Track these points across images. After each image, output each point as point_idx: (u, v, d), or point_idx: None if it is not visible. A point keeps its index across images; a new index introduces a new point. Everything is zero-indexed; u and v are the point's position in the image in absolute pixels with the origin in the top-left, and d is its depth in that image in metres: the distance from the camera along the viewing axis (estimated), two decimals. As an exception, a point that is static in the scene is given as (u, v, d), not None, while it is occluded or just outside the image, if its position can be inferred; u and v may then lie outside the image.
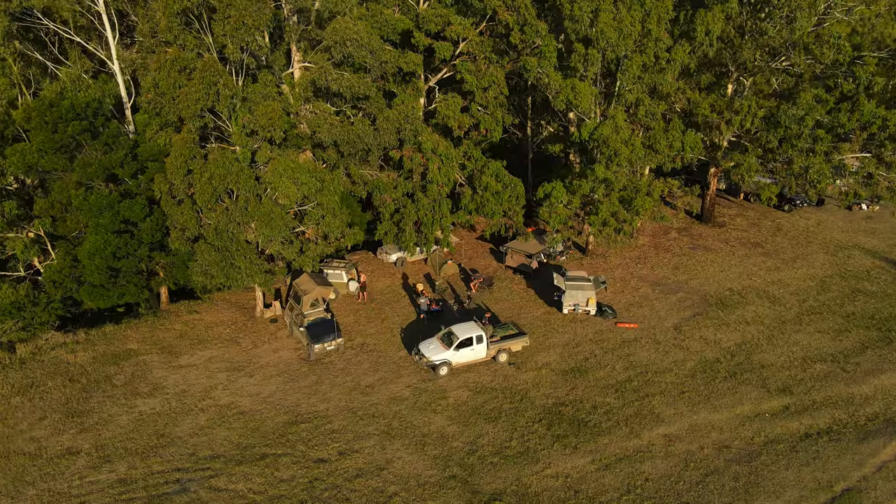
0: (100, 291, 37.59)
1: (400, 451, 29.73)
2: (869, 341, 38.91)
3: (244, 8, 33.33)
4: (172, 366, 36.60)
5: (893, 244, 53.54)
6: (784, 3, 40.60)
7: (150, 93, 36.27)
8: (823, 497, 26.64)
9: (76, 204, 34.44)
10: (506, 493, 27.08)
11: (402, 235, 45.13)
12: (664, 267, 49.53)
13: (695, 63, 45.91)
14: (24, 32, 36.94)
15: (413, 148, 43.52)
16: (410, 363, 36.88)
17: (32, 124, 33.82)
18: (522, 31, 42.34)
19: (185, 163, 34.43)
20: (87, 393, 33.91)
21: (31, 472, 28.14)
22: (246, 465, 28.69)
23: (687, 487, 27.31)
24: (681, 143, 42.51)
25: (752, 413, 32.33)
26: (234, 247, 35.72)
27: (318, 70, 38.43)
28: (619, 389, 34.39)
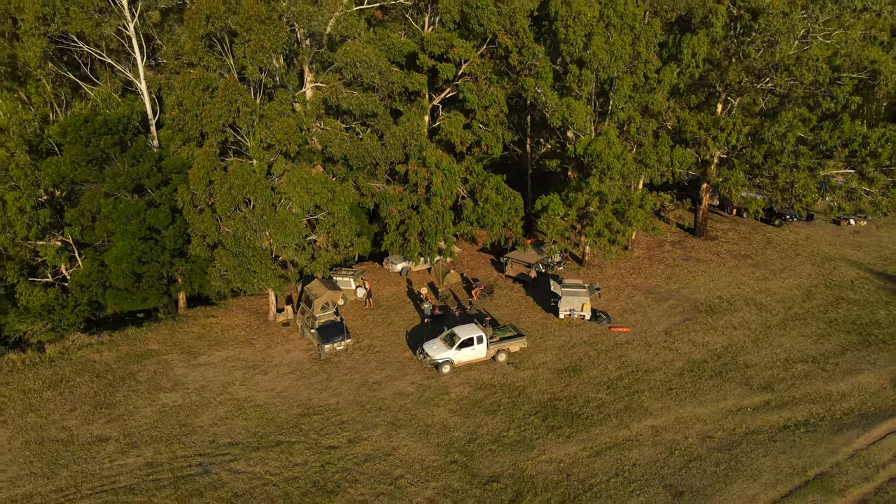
0: (124, 295, 40.15)
1: (405, 439, 31.98)
2: (849, 344, 41.12)
3: (263, 32, 36.27)
4: (191, 364, 39.00)
5: (878, 256, 55.88)
6: (765, 28, 43.46)
7: (174, 110, 39.15)
8: (797, 481, 28.74)
9: (105, 212, 37.12)
10: (503, 476, 29.28)
11: (408, 246, 47.70)
12: (657, 277, 51.92)
13: (684, 84, 48.75)
14: (58, 54, 39.93)
15: (418, 162, 46.27)
16: (415, 362, 39.21)
17: (68, 138, 36.65)
18: (520, 53, 45.28)
19: (206, 174, 37.16)
20: (113, 388, 36.30)
21: (64, 456, 30.47)
22: (262, 450, 30.98)
23: (671, 472, 29.46)
24: (670, 158, 45.15)
25: (735, 407, 34.52)
26: (250, 253, 38.29)
27: (329, 89, 41.36)
28: (611, 386, 36.63)
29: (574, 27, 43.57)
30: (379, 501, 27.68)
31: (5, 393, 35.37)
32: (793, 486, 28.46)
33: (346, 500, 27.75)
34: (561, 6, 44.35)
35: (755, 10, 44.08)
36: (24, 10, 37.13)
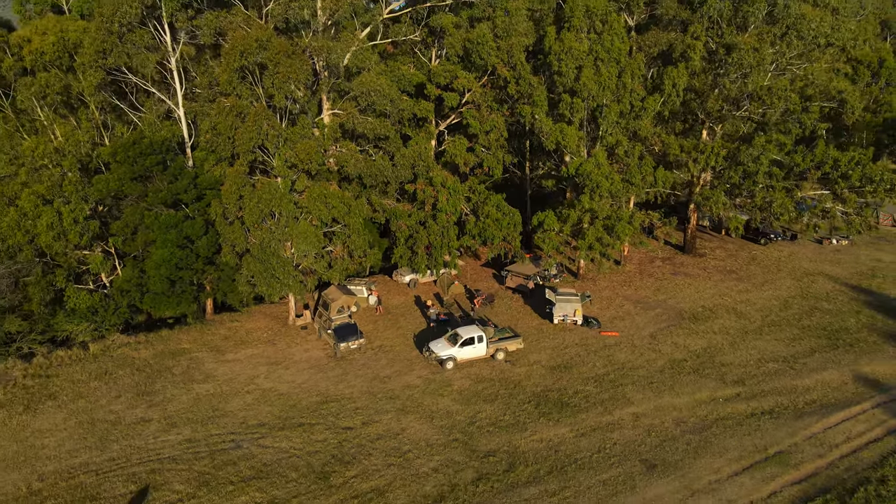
0: (160, 299, 44.65)
1: (412, 422, 36.06)
2: (818, 347, 45.03)
3: (289, 66, 41.31)
4: (220, 360, 43.31)
5: (854, 272, 59.85)
6: (738, 62, 48.24)
7: (208, 133, 44.08)
8: (758, 457, 32.53)
9: (148, 223, 41.84)
10: (499, 452, 33.27)
11: (415, 258, 52.17)
12: (647, 289, 56.08)
13: (668, 111, 53.49)
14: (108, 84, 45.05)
15: (425, 182, 50.96)
16: (422, 360, 43.37)
17: (118, 158, 41.52)
18: (518, 83, 50.24)
19: (237, 190, 41.91)
20: (152, 379, 40.60)
21: (113, 434, 34.70)
22: (287, 430, 35.11)
23: (647, 449, 33.35)
24: (653, 178, 49.65)
25: (709, 398, 38.41)
26: (274, 260, 42.79)
27: (346, 115, 46.32)
28: (598, 381, 40.65)
29: (566, 61, 48.49)
30: (389, 470, 31.71)
31: (57, 383, 39.73)
32: (754, 460, 32.24)
33: (360, 469, 31.81)
34: (554, 42, 49.38)
35: (729, 46, 48.92)
36: (82, 46, 42.34)
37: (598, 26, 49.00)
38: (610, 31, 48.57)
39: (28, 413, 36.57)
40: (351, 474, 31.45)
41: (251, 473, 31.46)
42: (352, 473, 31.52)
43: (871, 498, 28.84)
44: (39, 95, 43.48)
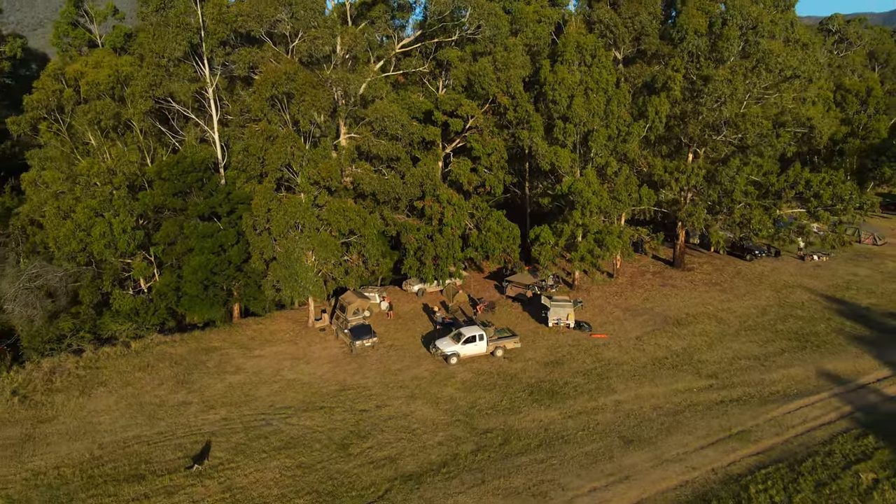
0: (195, 301, 49.91)
1: (420, 406, 40.92)
2: (788, 348, 49.67)
3: (313, 95, 47.06)
4: (248, 356, 48.39)
5: (830, 284, 64.46)
6: (713, 91, 53.68)
7: (240, 154, 49.76)
8: (723, 435, 37.15)
9: (187, 232, 47.31)
10: (496, 429, 38.04)
11: (424, 269, 57.34)
12: (636, 298, 60.92)
13: (654, 136, 58.88)
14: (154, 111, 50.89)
15: (433, 199, 56.36)
16: (429, 357, 48.30)
17: (162, 175, 47.17)
18: (516, 110, 55.85)
19: (266, 204, 47.37)
20: (189, 371, 45.70)
21: (159, 413, 39.75)
22: (310, 412, 40.04)
23: (626, 428, 38.05)
24: (638, 195, 54.84)
25: (684, 389, 43.12)
26: (298, 266, 48.08)
27: (362, 138, 51.98)
28: (586, 374, 45.44)
29: (559, 90, 54.11)
30: (400, 443, 36.55)
31: (106, 373, 44.90)
32: (718, 438, 36.87)
33: (375, 441, 36.67)
34: (549, 74, 55.06)
35: (706, 77, 54.38)
36: (134, 78, 48.34)
37: (588, 60, 54.65)
38: (598, 64, 54.21)
39: (83, 397, 41.71)
40: (367, 445, 36.32)
41: (281, 445, 36.38)
42: (367, 445, 36.39)
43: (817, 466, 33.43)
44: (94, 121, 49.31)
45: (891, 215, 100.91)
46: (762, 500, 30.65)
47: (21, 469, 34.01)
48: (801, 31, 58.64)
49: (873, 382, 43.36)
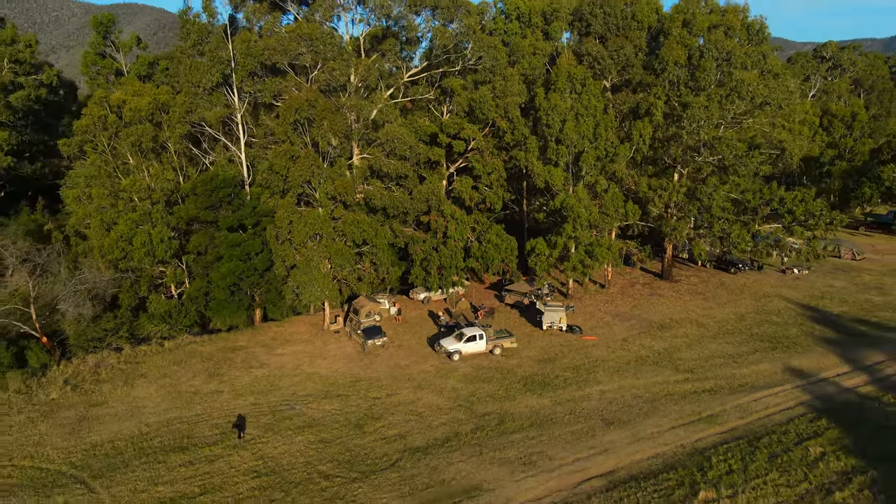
0: (222, 305, 55.26)
1: (426, 394, 46.00)
2: (760, 348, 54.65)
3: (332, 120, 52.88)
4: (271, 354, 53.61)
5: (807, 294, 69.48)
6: (691, 117, 59.34)
7: (265, 172, 55.46)
8: (693, 418, 42.05)
9: (218, 241, 52.86)
10: (493, 413, 43.06)
11: (429, 277, 62.65)
12: (625, 306, 66.04)
13: (640, 157, 64.47)
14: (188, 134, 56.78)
15: (437, 213, 61.86)
16: (434, 355, 53.42)
17: (196, 191, 52.85)
18: (513, 133, 61.60)
19: (288, 216, 52.93)
20: (218, 366, 50.93)
21: (195, 399, 44.94)
22: (328, 399, 45.17)
23: (607, 412, 43.02)
24: (624, 210, 60.26)
25: (662, 381, 48.10)
26: (316, 272, 53.47)
27: (373, 158, 57.67)
28: (575, 369, 50.48)
29: (552, 115, 59.86)
30: (408, 423, 41.62)
31: (145, 367, 50.19)
32: (689, 420, 41.81)
33: (386, 422, 41.75)
34: (543, 101, 60.88)
35: (685, 104, 60.07)
36: (171, 105, 54.31)
37: (579, 88, 60.45)
38: (588, 92, 59.99)
39: (127, 386, 46.97)
40: (379, 425, 41.41)
41: (304, 424, 41.49)
42: (380, 425, 41.47)
43: (773, 442, 38.34)
44: (135, 143, 55.13)
45: (874, 233, 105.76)
46: (721, 467, 35.57)
47: (80, 442, 39.21)
48: (773, 62, 64.42)
49: (833, 377, 48.28)
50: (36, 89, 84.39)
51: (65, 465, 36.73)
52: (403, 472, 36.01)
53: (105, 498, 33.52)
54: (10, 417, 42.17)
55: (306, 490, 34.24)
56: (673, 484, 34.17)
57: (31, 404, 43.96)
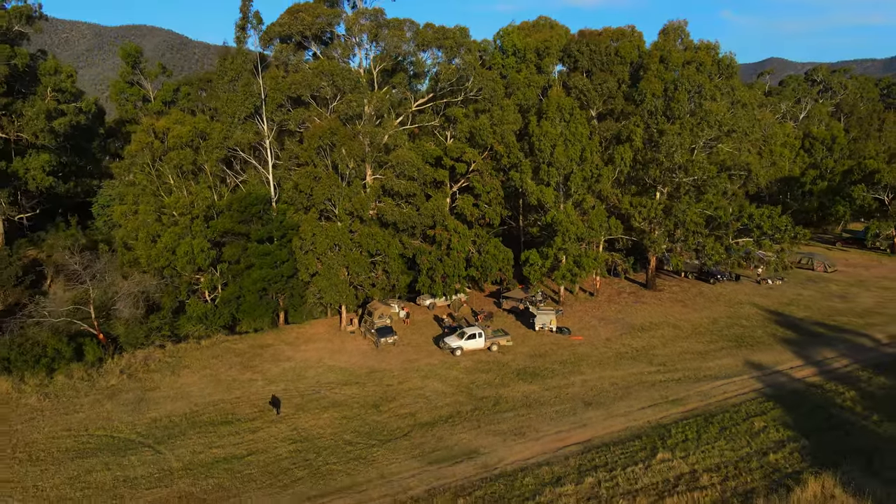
0: (252, 307, 62.74)
1: (432, 382, 53.30)
2: (727, 346, 61.87)
3: (349, 146, 60.72)
4: (295, 350, 61.01)
5: (777, 302, 76.77)
6: (666, 143, 67.14)
7: (290, 191, 63.21)
8: (660, 401, 49.25)
9: (250, 251, 60.50)
10: (489, 398, 50.31)
11: (434, 285, 70.13)
12: (611, 311, 73.39)
13: (623, 177, 72.16)
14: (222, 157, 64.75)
15: (442, 228, 69.50)
16: (439, 351, 60.73)
17: (232, 207, 60.62)
18: (509, 157, 69.39)
19: (312, 229, 60.60)
20: (250, 360, 58.33)
21: (234, 385, 52.29)
22: (348, 386, 52.50)
23: (587, 396, 50.22)
24: (607, 225, 67.87)
25: (637, 372, 55.34)
26: (336, 279, 61.01)
27: (385, 178, 65.45)
28: (563, 363, 57.75)
29: (544, 141, 67.71)
30: (417, 404, 48.89)
31: (187, 360, 57.63)
32: (656, 403, 49.01)
33: (399, 403, 49.03)
34: (536, 127, 68.76)
35: (661, 131, 67.85)
36: (209, 133, 62.35)
37: (567, 117, 68.35)
38: (575, 120, 67.88)
39: (174, 375, 54.40)
40: (393, 406, 48.73)
41: (329, 405, 48.81)
42: (393, 405, 48.78)
43: (725, 418, 45.59)
44: (177, 166, 63.01)
45: (849, 248, 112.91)
46: (679, 436, 42.83)
47: (142, 418, 46.60)
48: (742, 94, 72.28)
49: (787, 369, 55.52)
50: (76, 116, 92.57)
51: (132, 434, 44.11)
52: (414, 441, 43.30)
53: (170, 458, 40.86)
54: (80, 399, 49.62)
55: (334, 452, 41.54)
56: (637, 448, 41.43)
57: (95, 389, 51.41)
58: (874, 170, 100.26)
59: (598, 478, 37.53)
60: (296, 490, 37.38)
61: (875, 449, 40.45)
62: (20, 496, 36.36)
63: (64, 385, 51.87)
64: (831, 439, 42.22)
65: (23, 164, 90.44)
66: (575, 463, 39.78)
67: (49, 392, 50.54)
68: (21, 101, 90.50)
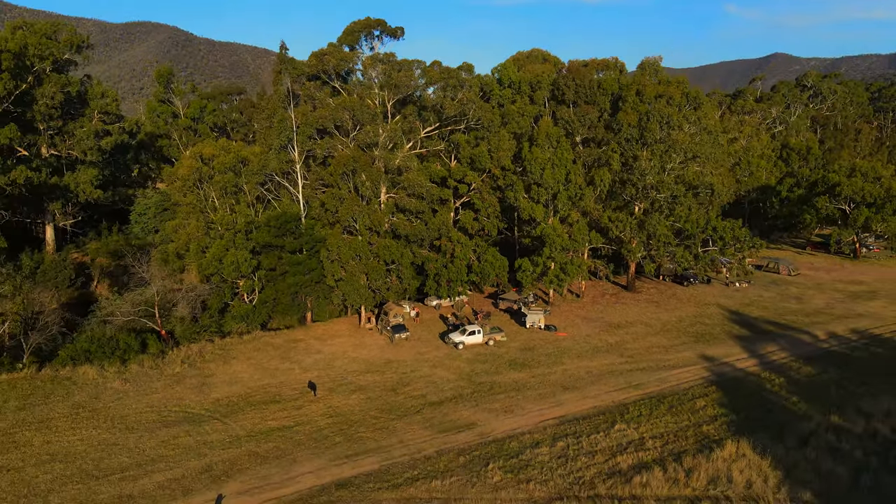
0: (286, 308, 74.11)
1: (439, 371, 64.66)
2: (687, 342, 73.09)
3: (369, 171, 71.99)
4: (323, 344, 72.43)
5: (740, 303, 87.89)
6: (639, 167, 78.21)
7: (318, 209, 74.53)
8: (625, 386, 60.52)
9: (285, 260, 71.85)
10: (486, 383, 61.64)
11: (440, 288, 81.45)
12: (594, 311, 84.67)
13: (603, 196, 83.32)
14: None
15: (446, 239, 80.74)
16: (444, 346, 72.07)
17: (270, 223, 71.97)
18: (505, 178, 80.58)
19: (337, 242, 71.92)
20: (287, 352, 69.75)
21: (276, 372, 63.74)
22: (369, 374, 63.89)
23: (566, 382, 61.51)
24: (588, 237, 79.05)
25: (609, 363, 66.61)
26: (357, 284, 72.31)
27: (398, 198, 76.76)
28: (548, 355, 69.06)
29: (534, 164, 78.86)
30: (427, 388, 60.26)
31: (234, 353, 69.08)
32: (622, 387, 60.28)
33: (412, 387, 60.43)
34: (527, 153, 79.93)
35: (635, 156, 78.97)
36: (249, 160, 73.64)
37: (554, 144, 79.48)
38: (561, 147, 79.02)
39: (226, 364, 65.87)
40: (407, 389, 60.11)
41: (355, 389, 60.21)
42: (408, 389, 60.16)
43: (674, 399, 56.86)
44: (222, 189, 74.32)
45: (817, 253, 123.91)
46: (634, 412, 54.12)
47: (206, 398, 58.08)
48: (707, 121, 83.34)
49: (733, 360, 66.73)
50: (120, 135, 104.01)
51: (202, 410, 55.58)
52: (425, 416, 54.68)
53: (235, 427, 52.31)
54: (153, 383, 61.12)
55: (362, 424, 52.97)
56: (600, 421, 52.76)
57: (164, 375, 62.90)
58: (836, 183, 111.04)
59: (567, 442, 48.87)
60: (335, 451, 48.78)
61: (787, 422, 51.70)
62: (127, 455, 47.82)
63: (138, 372, 63.37)
64: (756, 415, 53.44)
65: (73, 179, 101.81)
66: (551, 432, 51.14)
67: (127, 377, 62.01)
68: (71, 122, 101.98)
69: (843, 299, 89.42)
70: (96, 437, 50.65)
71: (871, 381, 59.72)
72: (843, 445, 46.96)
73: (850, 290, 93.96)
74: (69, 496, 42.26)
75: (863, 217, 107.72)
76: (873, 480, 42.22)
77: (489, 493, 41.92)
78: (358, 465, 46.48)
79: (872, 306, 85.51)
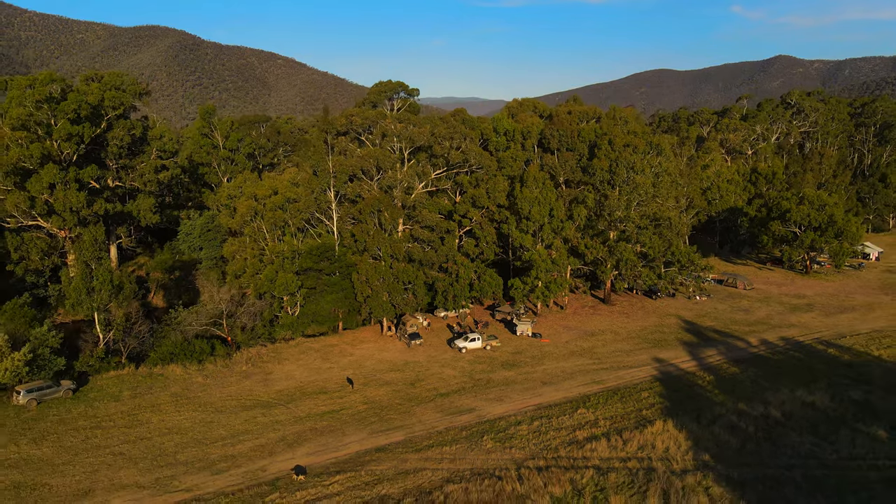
0: (324, 318, 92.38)
1: (447, 370, 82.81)
2: (646, 346, 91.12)
3: (391, 211, 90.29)
4: (354, 348, 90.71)
5: (695, 314, 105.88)
6: (609, 204, 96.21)
7: (348, 239, 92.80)
8: (590, 381, 78.56)
9: (324, 281, 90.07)
10: (483, 379, 79.78)
11: (447, 302, 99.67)
12: (574, 321, 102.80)
13: (581, 226, 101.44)
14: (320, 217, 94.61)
15: (452, 262, 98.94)
16: (450, 349, 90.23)
17: (312, 252, 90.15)
18: (500, 213, 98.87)
19: (366, 267, 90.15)
20: (325, 355, 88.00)
21: (320, 371, 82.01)
22: (393, 372, 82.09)
23: (545, 379, 79.57)
24: (567, 261, 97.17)
25: (581, 364, 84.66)
26: (381, 300, 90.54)
27: (412, 229, 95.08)
28: (533, 357, 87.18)
29: (524, 202, 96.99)
30: (438, 383, 78.43)
31: (284, 355, 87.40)
32: (588, 382, 78.34)
33: (426, 382, 78.62)
34: (519, 192, 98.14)
35: (605, 195, 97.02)
36: (296, 198, 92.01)
37: (540, 185, 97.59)
38: (545, 188, 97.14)
39: (280, 364, 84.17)
40: (423, 383, 78.31)
41: (382, 383, 78.40)
42: (423, 383, 78.37)
43: (626, 392, 74.95)
44: (271, 223, 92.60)
45: (775, 268, 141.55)
46: (594, 401, 72.20)
47: (270, 389, 76.37)
48: (667, 164, 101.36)
49: (678, 362, 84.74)
50: (174, 169, 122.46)
51: (269, 399, 73.86)
52: (437, 403, 72.85)
53: (297, 411, 70.54)
54: (227, 378, 79.43)
55: (390, 409, 71.17)
56: (567, 407, 70.86)
57: (233, 373, 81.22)
58: (787, 209, 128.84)
59: (542, 422, 66.97)
60: (372, 427, 66.95)
61: (705, 408, 69.67)
62: (223, 429, 66.04)
63: (213, 370, 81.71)
64: (684, 403, 71.43)
65: (136, 206, 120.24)
66: (530, 415, 69.27)
67: (206, 374, 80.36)
68: (135, 158, 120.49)
69: (782, 311, 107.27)
70: (196, 417, 69.00)
71: (781, 378, 77.72)
72: (740, 424, 64.93)
73: (792, 303, 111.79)
74: (191, 456, 60.54)
75: (809, 239, 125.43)
76: (755, 447, 60.30)
77: (483, 455, 60.06)
78: (389, 437, 64.68)
79: (805, 317, 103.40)
